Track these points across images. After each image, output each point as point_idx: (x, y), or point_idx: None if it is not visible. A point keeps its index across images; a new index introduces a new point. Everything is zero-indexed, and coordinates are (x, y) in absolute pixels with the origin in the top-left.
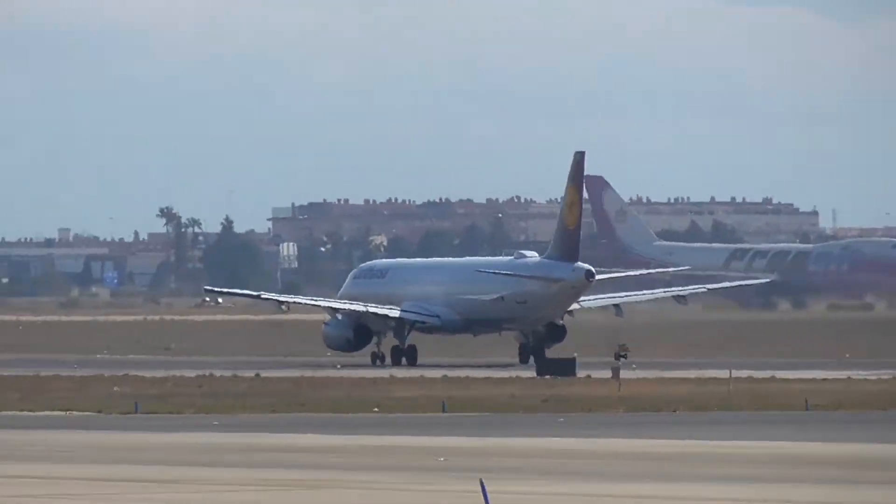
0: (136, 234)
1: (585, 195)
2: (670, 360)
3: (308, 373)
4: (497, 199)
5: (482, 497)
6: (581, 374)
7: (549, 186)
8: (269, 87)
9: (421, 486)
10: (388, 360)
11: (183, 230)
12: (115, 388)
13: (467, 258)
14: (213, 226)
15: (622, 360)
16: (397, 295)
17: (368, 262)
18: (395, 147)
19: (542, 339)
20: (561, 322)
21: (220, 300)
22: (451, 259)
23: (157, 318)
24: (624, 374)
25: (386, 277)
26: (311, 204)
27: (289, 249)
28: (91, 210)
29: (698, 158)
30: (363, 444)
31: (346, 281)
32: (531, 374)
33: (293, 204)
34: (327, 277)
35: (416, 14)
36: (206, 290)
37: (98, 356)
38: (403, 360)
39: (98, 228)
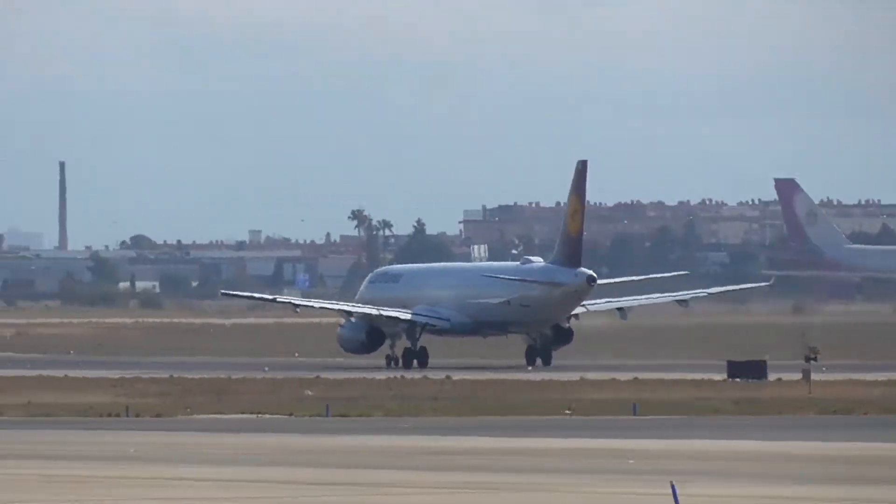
0: (328, 235)
1: (775, 197)
2: (859, 363)
3: (498, 375)
4: (688, 202)
5: (673, 500)
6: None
7: (742, 189)
8: (463, 89)
9: (610, 488)
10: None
11: (374, 232)
12: (307, 392)
13: (478, 263)
14: (404, 228)
15: (812, 362)
16: (410, 298)
17: (383, 268)
18: (585, 149)
19: (549, 341)
20: (567, 325)
21: (297, 310)
22: (460, 264)
23: None
24: (814, 376)
25: (399, 282)
26: (501, 206)
27: (480, 252)
28: (282, 212)
29: (889, 159)
30: (553, 446)
31: (362, 285)
32: (721, 376)
33: (484, 206)
34: None
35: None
36: (223, 294)
37: (288, 359)
38: (415, 363)
39: (289, 230)
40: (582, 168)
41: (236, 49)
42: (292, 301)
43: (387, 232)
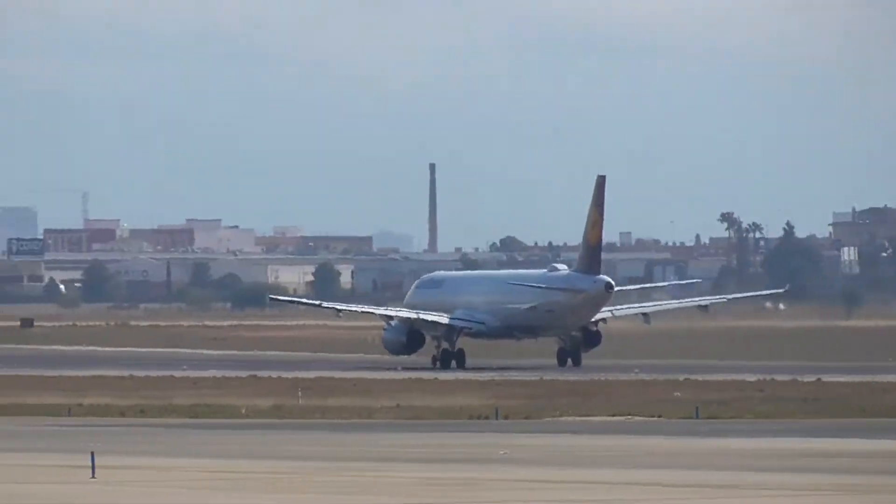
0: (698, 237)
1: None
2: None
3: (872, 378)
4: None
5: None
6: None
7: None
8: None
9: None
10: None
11: (744, 235)
12: (676, 394)
13: (510, 271)
14: (774, 230)
15: None
16: (451, 303)
17: (429, 274)
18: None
19: (578, 344)
20: (596, 328)
21: (339, 314)
22: (496, 272)
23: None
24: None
25: (442, 288)
26: (871, 209)
27: (850, 255)
28: (654, 214)
29: None
30: None
31: (410, 290)
32: None
33: (853, 208)
34: (888, 284)
35: None
36: (272, 300)
37: (659, 361)
38: (453, 363)
39: (659, 232)
40: (601, 182)
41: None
42: (335, 307)
43: (756, 234)
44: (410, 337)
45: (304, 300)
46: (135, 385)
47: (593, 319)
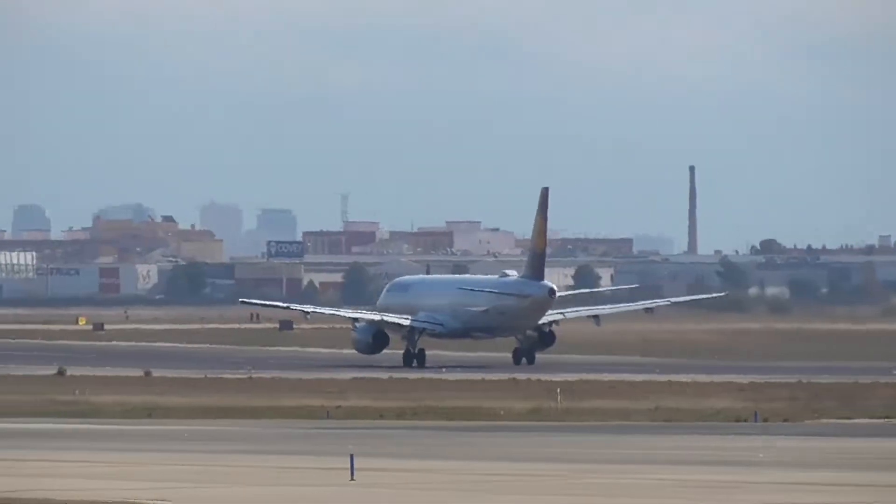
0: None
1: None
2: None
3: None
4: None
5: None
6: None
7: None
8: None
9: None
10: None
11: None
12: None
13: (468, 276)
14: None
15: None
16: (416, 306)
17: (398, 279)
18: None
19: (533, 343)
20: (549, 329)
21: (307, 316)
22: (456, 276)
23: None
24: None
25: (409, 291)
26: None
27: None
28: None
29: None
30: None
31: (382, 293)
32: None
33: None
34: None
35: None
36: (242, 302)
37: None
38: (414, 363)
39: None
40: (545, 193)
41: None
42: (303, 309)
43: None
44: (376, 337)
45: (278, 304)
46: (393, 387)
47: (546, 321)
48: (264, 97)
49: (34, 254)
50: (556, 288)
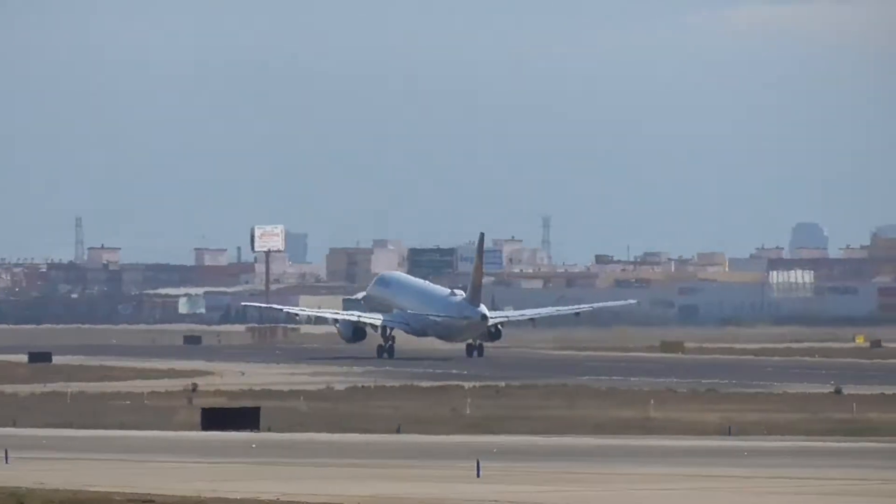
0: None
1: None
2: None
3: None
4: None
5: None
6: None
7: None
8: None
9: None
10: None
11: None
12: None
13: (433, 286)
14: None
15: None
16: (392, 302)
17: (384, 273)
18: None
19: (484, 339)
20: (497, 328)
21: (297, 318)
22: (423, 285)
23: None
24: None
25: (389, 288)
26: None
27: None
28: None
29: None
30: None
31: (370, 284)
32: None
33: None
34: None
35: None
36: (243, 305)
37: None
38: (385, 355)
39: None
40: (481, 238)
41: None
42: (291, 310)
43: None
44: (355, 332)
45: (265, 304)
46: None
47: (494, 322)
48: None
49: (812, 272)
50: (487, 314)
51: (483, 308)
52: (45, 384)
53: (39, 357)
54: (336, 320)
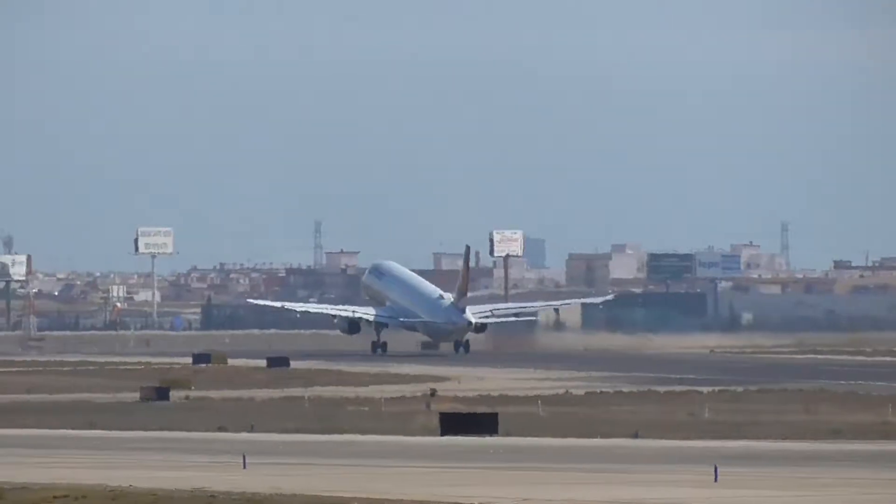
0: None
1: None
2: None
3: None
4: None
5: None
6: None
7: None
8: None
9: None
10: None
11: None
12: None
13: (424, 283)
14: None
15: None
16: (385, 295)
17: (379, 263)
18: None
19: (468, 337)
20: (483, 324)
21: (298, 315)
22: (414, 279)
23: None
24: None
25: (382, 280)
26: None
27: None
28: None
29: None
30: None
31: (366, 272)
32: None
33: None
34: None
35: None
36: (247, 301)
37: None
38: (379, 351)
39: None
40: (467, 250)
41: None
42: (293, 307)
43: None
44: (350, 325)
45: (272, 303)
46: None
47: (480, 318)
48: None
49: None
50: (472, 320)
51: (468, 315)
52: (283, 389)
53: (277, 362)
54: (334, 315)
